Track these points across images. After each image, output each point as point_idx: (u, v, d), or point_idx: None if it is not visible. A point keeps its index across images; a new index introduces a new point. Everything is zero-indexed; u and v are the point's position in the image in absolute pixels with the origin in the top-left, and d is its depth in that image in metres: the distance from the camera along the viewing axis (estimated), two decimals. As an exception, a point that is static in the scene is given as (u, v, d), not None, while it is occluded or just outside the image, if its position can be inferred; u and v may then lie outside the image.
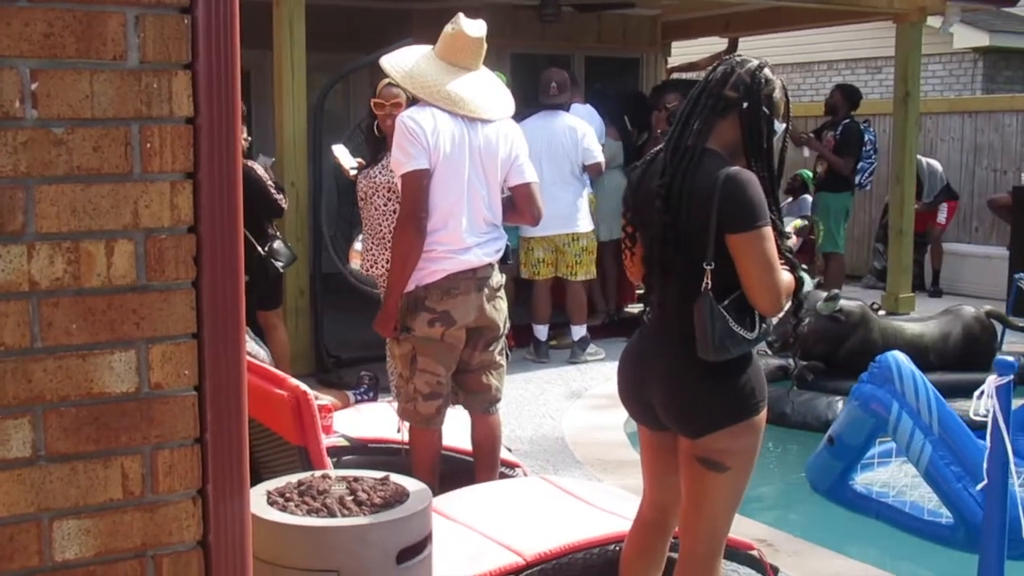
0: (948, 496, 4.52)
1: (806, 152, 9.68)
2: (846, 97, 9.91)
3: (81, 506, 1.78)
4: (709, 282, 2.76)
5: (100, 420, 1.77)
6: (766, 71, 2.91)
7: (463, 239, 4.09)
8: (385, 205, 5.32)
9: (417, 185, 3.99)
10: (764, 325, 2.83)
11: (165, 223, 1.78)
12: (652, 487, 3.15)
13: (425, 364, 4.13)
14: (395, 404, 4.36)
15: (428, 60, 4.16)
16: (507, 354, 4.45)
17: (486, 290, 4.18)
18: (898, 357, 4.80)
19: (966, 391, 4.36)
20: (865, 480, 5.07)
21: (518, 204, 4.31)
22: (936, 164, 11.31)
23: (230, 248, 1.84)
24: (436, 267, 4.07)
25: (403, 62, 4.19)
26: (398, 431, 4.38)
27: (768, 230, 2.77)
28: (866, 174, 10.42)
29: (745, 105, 2.87)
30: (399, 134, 4.04)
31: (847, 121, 9.78)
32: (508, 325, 4.35)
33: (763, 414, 2.89)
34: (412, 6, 9.89)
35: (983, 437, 4.57)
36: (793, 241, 3.02)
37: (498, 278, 4.27)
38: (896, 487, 4.97)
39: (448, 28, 4.15)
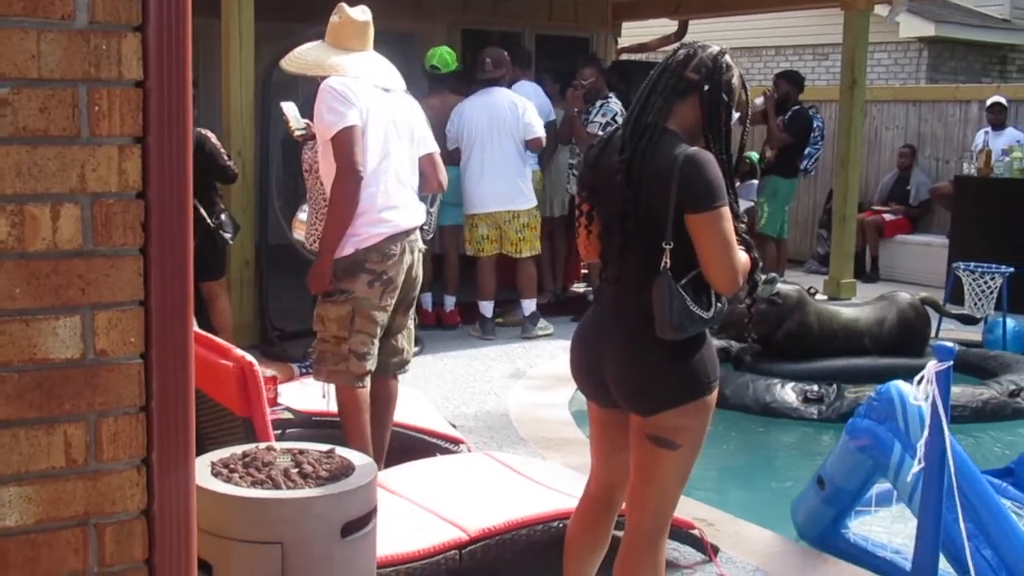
0: (958, 558, 3.75)
1: (758, 101, 9.67)
2: (794, 84, 10.02)
3: (23, 473, 1.74)
4: (668, 261, 2.78)
5: (43, 386, 1.74)
6: (727, 57, 2.94)
7: (393, 197, 4.25)
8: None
9: (352, 139, 4.10)
10: (719, 305, 2.86)
11: (113, 188, 1.74)
12: (600, 464, 3.17)
13: (363, 325, 4.23)
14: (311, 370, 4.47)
15: (317, 47, 4.39)
16: (415, 318, 4.67)
17: (416, 252, 4.37)
18: (901, 388, 4.01)
19: (900, 376, 4.26)
20: (860, 528, 4.38)
21: (425, 172, 4.55)
22: (924, 176, 11.59)
23: (179, 215, 1.81)
24: (374, 230, 4.19)
25: (293, 52, 4.42)
26: (323, 396, 4.42)
27: (726, 210, 2.79)
28: (812, 160, 10.56)
29: (706, 88, 2.89)
30: (326, 96, 4.15)
31: (796, 107, 9.88)
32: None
33: (715, 394, 2.92)
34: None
35: (1003, 476, 4.45)
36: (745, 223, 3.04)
37: (421, 243, 4.48)
38: (896, 537, 4.25)
39: (334, 17, 4.36)
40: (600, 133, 7.86)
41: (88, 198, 1.73)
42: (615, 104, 8.53)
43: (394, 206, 4.24)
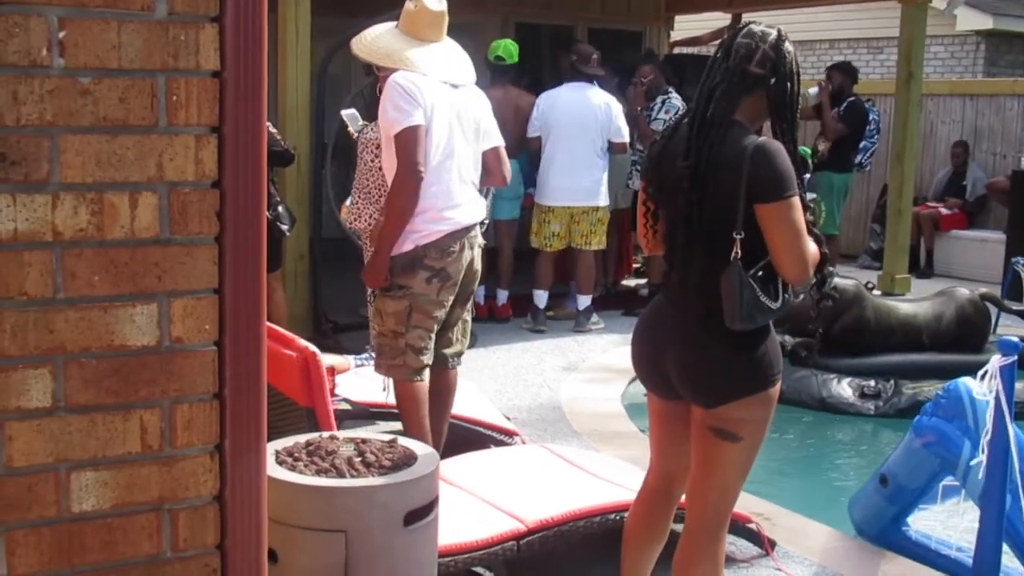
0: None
1: (812, 92, 9.57)
2: (847, 75, 9.93)
3: (99, 458, 1.78)
4: (739, 251, 2.77)
5: (120, 373, 1.77)
6: (787, 44, 2.91)
7: (454, 196, 4.23)
8: (372, 161, 5.33)
9: (415, 139, 4.08)
10: (787, 296, 2.84)
11: (189, 177, 1.77)
12: (660, 456, 3.16)
13: (420, 320, 4.23)
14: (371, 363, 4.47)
15: (391, 34, 4.33)
16: (472, 311, 4.63)
17: (475, 248, 4.35)
18: (969, 385, 3.95)
19: (958, 373, 4.21)
20: (922, 524, 4.35)
21: (489, 165, 4.49)
22: (980, 172, 11.45)
23: (253, 204, 1.83)
24: (434, 227, 4.18)
25: (366, 36, 4.35)
26: (384, 389, 4.43)
27: (797, 200, 2.77)
28: (867, 154, 10.43)
29: (773, 81, 2.87)
30: (393, 93, 4.13)
31: (852, 99, 9.78)
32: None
33: (778, 387, 2.90)
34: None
35: None
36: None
37: (481, 238, 4.46)
38: (952, 532, 4.21)
39: (409, 5, 4.30)
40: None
41: (165, 187, 1.76)
42: (676, 100, 8.51)
43: (456, 204, 4.23)
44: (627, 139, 8.05)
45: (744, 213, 2.77)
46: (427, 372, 4.31)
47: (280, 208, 6.33)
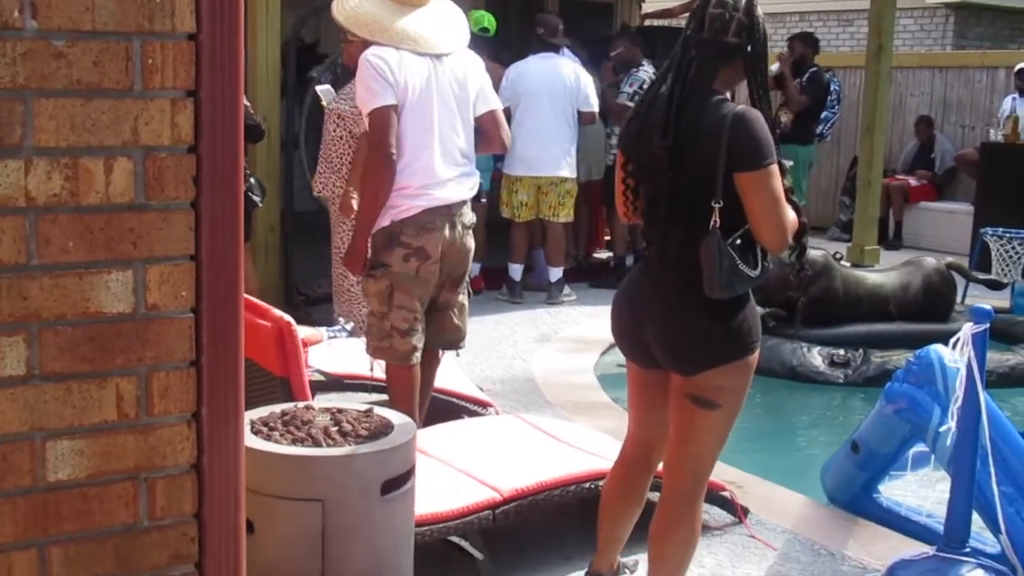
0: (997, 523, 3.73)
1: (774, 67, 9.58)
2: (809, 45, 9.95)
3: (75, 427, 1.76)
4: (718, 220, 2.77)
5: (96, 340, 1.75)
6: (757, 7, 2.90)
7: (437, 173, 4.10)
8: (335, 131, 5.34)
9: (385, 121, 3.98)
10: (766, 264, 2.85)
11: (165, 141, 1.75)
12: (638, 425, 3.17)
13: (402, 300, 4.12)
14: (363, 343, 4.37)
15: (374, 1, 4.14)
16: (469, 293, 4.48)
17: (459, 227, 4.19)
18: (940, 352, 3.96)
19: (925, 342, 4.18)
20: (893, 492, 4.35)
21: (486, 131, 4.33)
22: (949, 144, 11.54)
23: (230, 169, 1.81)
24: (412, 203, 4.06)
25: (349, 4, 4.17)
26: (370, 369, 4.37)
27: (776, 167, 2.78)
28: (828, 124, 10.50)
29: (750, 49, 2.87)
30: (363, 72, 4.03)
31: (814, 69, 9.81)
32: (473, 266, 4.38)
33: (756, 354, 2.92)
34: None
35: None
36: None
37: (470, 216, 4.29)
38: (924, 501, 4.24)
39: None
40: (629, 104, 7.83)
41: (141, 152, 1.73)
42: (644, 72, 8.45)
43: (438, 181, 4.09)
44: (596, 108, 8.01)
45: (723, 182, 2.77)
46: (417, 356, 4.20)
47: (251, 180, 6.28)
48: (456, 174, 4.16)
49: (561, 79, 7.84)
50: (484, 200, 6.20)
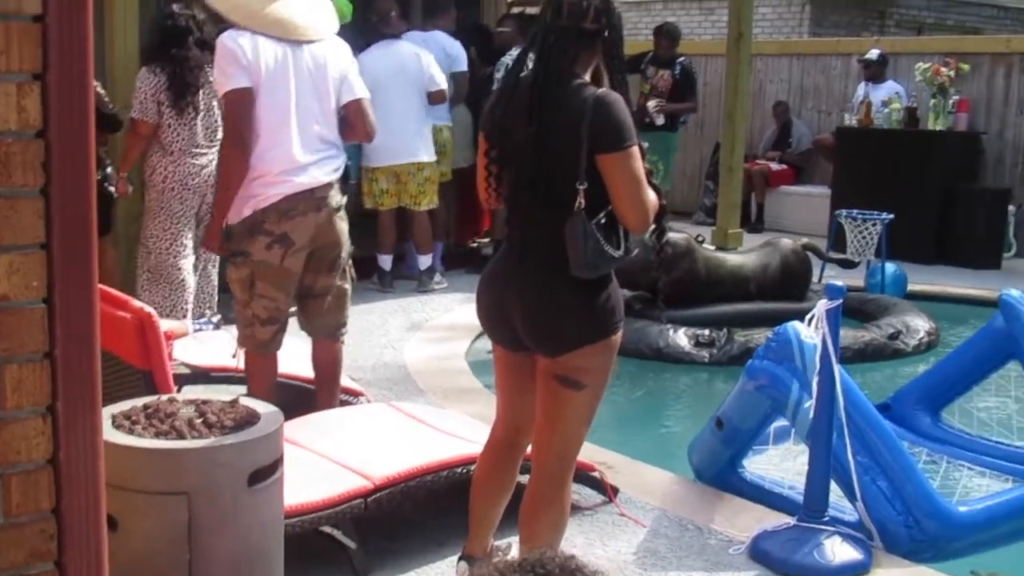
0: (853, 492, 3.90)
1: (659, 121, 9.86)
2: (672, 38, 10.17)
3: (-78, 423, 1.70)
4: (583, 202, 2.81)
5: (-57, 333, 1.69)
6: None
7: (296, 159, 4.09)
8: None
9: (239, 104, 4.00)
10: (628, 244, 2.90)
11: (12, 126, 1.69)
12: (506, 407, 3.20)
13: (263, 289, 4.11)
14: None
15: None
16: (352, 278, 4.43)
17: (325, 210, 4.17)
18: (797, 329, 4.06)
19: (785, 320, 4.29)
20: (756, 466, 4.48)
21: (351, 120, 4.32)
22: (806, 128, 11.92)
23: (81, 155, 1.76)
24: (272, 191, 4.05)
25: None
26: (233, 356, 4.34)
27: (636, 149, 2.84)
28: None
29: (607, 34, 2.91)
30: (218, 55, 4.06)
31: (683, 60, 10.00)
32: (351, 248, 4.33)
33: (620, 334, 2.97)
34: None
35: (881, 411, 4.43)
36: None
37: (338, 198, 4.27)
38: (786, 474, 4.41)
39: None
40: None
41: (-15, 137, 1.67)
42: (508, 58, 8.46)
43: (298, 166, 4.07)
44: (443, 86, 7.91)
45: (587, 164, 2.81)
46: (276, 344, 4.21)
47: (109, 169, 6.12)
48: (316, 159, 4.14)
49: (402, 64, 7.74)
50: (353, 181, 6.12)
